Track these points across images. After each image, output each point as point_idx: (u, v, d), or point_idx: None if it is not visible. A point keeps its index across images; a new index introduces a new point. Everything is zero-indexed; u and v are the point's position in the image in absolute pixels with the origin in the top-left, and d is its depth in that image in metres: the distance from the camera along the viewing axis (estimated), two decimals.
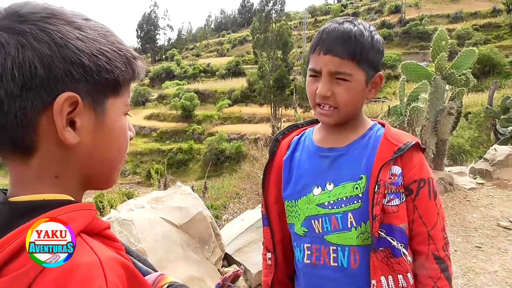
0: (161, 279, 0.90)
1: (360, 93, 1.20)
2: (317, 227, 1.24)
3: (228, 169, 27.17)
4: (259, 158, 6.92)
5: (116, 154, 0.70)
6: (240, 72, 55.37)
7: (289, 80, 40.15)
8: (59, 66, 0.58)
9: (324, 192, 1.23)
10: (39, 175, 0.62)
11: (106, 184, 0.73)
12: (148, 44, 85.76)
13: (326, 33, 1.18)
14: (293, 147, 1.36)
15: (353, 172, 1.20)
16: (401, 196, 1.16)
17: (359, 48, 1.14)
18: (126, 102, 0.70)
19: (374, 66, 1.20)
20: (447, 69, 5.22)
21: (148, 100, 50.76)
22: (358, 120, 1.28)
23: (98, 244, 0.60)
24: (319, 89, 1.17)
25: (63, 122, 0.59)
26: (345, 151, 1.24)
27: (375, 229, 1.13)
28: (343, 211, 1.20)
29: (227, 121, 42.13)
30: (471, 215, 4.59)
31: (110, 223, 0.70)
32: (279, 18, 47.70)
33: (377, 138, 1.21)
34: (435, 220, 1.18)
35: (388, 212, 1.15)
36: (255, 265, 3.17)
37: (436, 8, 58.85)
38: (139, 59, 0.71)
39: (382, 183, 1.13)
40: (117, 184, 3.74)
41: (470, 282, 3.42)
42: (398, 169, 1.17)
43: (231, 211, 5.45)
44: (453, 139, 10.01)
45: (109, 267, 0.55)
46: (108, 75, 0.63)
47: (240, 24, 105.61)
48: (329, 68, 1.16)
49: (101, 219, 0.67)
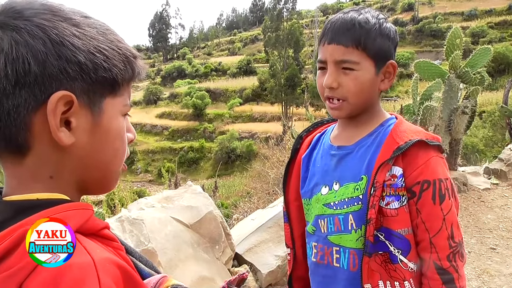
0: (163, 281, 0.87)
1: (370, 83, 1.13)
2: (323, 227, 1.23)
3: (239, 167, 27.22)
4: (270, 157, 6.90)
5: (113, 156, 0.67)
6: (251, 70, 55.37)
7: (300, 79, 40.07)
8: (54, 64, 0.56)
9: (331, 192, 1.21)
10: (33, 175, 0.60)
11: (102, 189, 0.70)
12: (160, 43, 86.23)
13: (330, 23, 1.15)
14: (313, 145, 1.34)
15: (356, 172, 1.16)
16: (401, 199, 1.10)
17: (364, 35, 1.09)
18: (125, 103, 0.67)
19: (383, 53, 1.14)
20: (462, 68, 5.14)
21: (160, 98, 51.10)
22: (371, 114, 1.21)
23: (93, 244, 0.58)
24: (325, 80, 1.14)
25: (57, 122, 0.57)
26: (352, 150, 1.19)
27: (369, 233, 1.09)
28: (345, 212, 1.17)
29: (238, 119, 42.18)
30: (485, 216, 4.52)
31: (108, 223, 0.67)
32: (290, 17, 47.63)
33: (385, 135, 1.15)
34: (439, 226, 1.08)
35: (387, 216, 1.10)
36: (266, 265, 3.15)
37: (450, 6, 58.16)
38: (139, 58, 0.69)
39: (379, 185, 1.08)
40: (128, 182, 3.74)
41: (484, 284, 3.36)
42: (399, 170, 1.10)
43: (241, 211, 5.44)
44: (466, 138, 9.87)
45: (103, 268, 0.53)
46: (106, 74, 0.61)
47: (252, 23, 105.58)
48: (334, 57, 1.12)
49: (98, 219, 0.65)
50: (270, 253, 3.23)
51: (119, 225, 2.78)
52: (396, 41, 1.17)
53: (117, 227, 2.75)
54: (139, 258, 0.88)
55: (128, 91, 0.69)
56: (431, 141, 1.11)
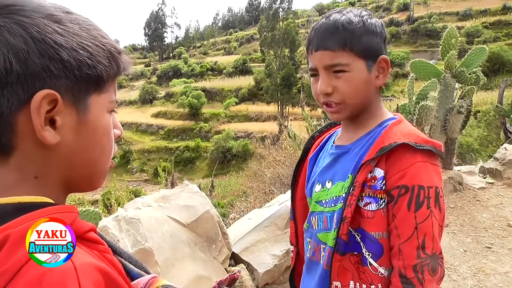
0: (153, 282, 0.86)
1: (364, 81, 1.12)
2: (314, 224, 1.25)
3: (234, 167, 27.20)
4: (266, 157, 6.90)
5: (100, 154, 0.66)
6: (247, 70, 55.40)
7: (296, 78, 40.10)
8: (36, 62, 0.55)
9: (323, 190, 1.23)
10: (17, 175, 0.59)
11: (90, 186, 0.69)
12: (156, 42, 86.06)
13: (314, 30, 1.15)
14: (322, 145, 1.35)
15: (345, 171, 1.16)
16: (379, 202, 1.08)
17: (348, 35, 1.08)
18: (111, 99, 0.67)
19: (372, 50, 1.12)
20: (457, 67, 5.16)
21: (156, 98, 51.00)
22: (370, 114, 1.19)
23: (76, 248, 0.57)
24: (319, 87, 1.13)
25: (41, 121, 0.56)
26: (348, 149, 1.20)
27: (342, 231, 1.09)
28: (331, 210, 1.17)
29: (234, 119, 42.19)
30: (481, 215, 4.54)
31: (94, 225, 0.66)
32: (286, 16, 47.67)
33: (378, 135, 1.14)
34: (409, 234, 1.03)
35: (364, 217, 1.09)
36: (262, 264, 3.15)
37: (445, 6, 58.43)
38: (124, 53, 0.68)
39: (358, 185, 1.08)
40: (124, 181, 3.73)
41: (480, 283, 3.38)
42: (380, 172, 1.08)
43: (238, 210, 5.44)
44: (461, 138, 9.92)
45: (85, 274, 0.52)
46: (90, 71, 0.60)
47: (248, 22, 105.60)
48: (323, 63, 1.11)
49: (84, 221, 0.63)
50: (267, 252, 3.23)
51: (116, 224, 2.77)
52: (384, 35, 1.16)
53: (113, 226, 2.74)
54: (128, 259, 0.87)
55: (114, 87, 0.68)
56: (420, 145, 1.06)
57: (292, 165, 5.87)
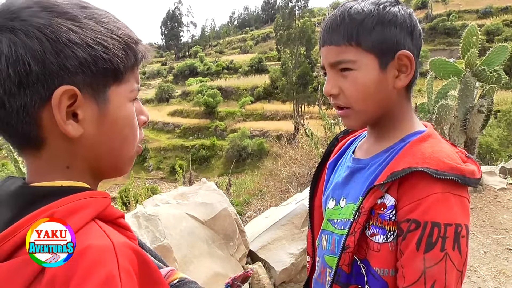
0: (171, 274, 0.91)
1: (375, 82, 0.94)
2: (323, 243, 1.11)
3: (250, 166, 27.26)
4: (283, 155, 6.89)
5: (122, 143, 0.69)
6: (263, 69, 55.38)
7: (312, 77, 39.91)
8: (52, 61, 0.58)
9: (336, 208, 1.08)
10: (51, 166, 0.63)
11: (117, 173, 0.72)
12: (172, 41, 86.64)
13: (324, 23, 1.00)
14: (343, 150, 1.20)
15: (358, 193, 1.00)
16: (386, 234, 0.91)
17: (355, 26, 0.92)
18: (131, 88, 0.68)
19: (388, 44, 0.93)
20: (478, 66, 5.07)
21: (172, 96, 51.36)
22: (393, 123, 1.01)
23: (111, 229, 0.60)
24: (324, 87, 0.99)
25: (63, 116, 0.60)
26: (364, 165, 1.04)
27: (343, 261, 0.96)
28: (341, 234, 1.03)
29: (250, 118, 42.21)
30: (501, 216, 4.46)
31: (123, 213, 0.70)
32: (302, 15, 47.46)
33: (396, 154, 0.96)
34: (415, 278, 0.85)
35: (370, 248, 0.94)
36: (279, 262, 3.15)
37: (465, 4, 57.40)
38: (140, 43, 0.70)
39: (364, 211, 0.93)
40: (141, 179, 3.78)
41: (501, 285, 3.32)
42: (391, 200, 0.91)
43: (254, 208, 5.46)
44: (481, 137, 9.75)
45: (122, 252, 0.56)
46: (106, 65, 0.62)
47: (263, 21, 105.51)
48: (328, 60, 0.97)
49: (115, 208, 0.68)
50: (284, 250, 3.24)
51: (135, 221, 2.80)
52: (409, 26, 0.95)
53: (133, 223, 2.77)
54: (148, 251, 0.92)
55: (135, 76, 0.70)
56: (442, 173, 0.86)
57: (309, 164, 5.86)
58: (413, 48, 0.97)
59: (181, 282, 0.90)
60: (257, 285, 3.01)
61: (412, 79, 0.99)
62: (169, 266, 0.98)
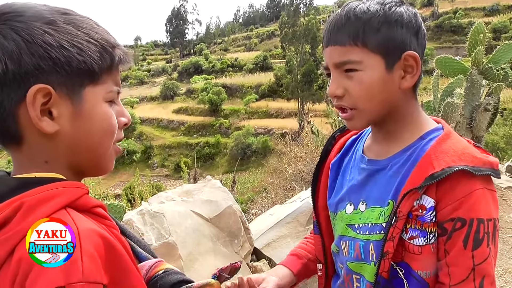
0: (158, 265, 0.93)
1: (380, 82, 0.93)
2: (344, 249, 1.07)
3: (254, 163, 27.28)
4: (287, 153, 6.89)
5: (99, 140, 0.71)
6: (267, 66, 55.32)
7: (317, 75, 39.80)
8: (28, 61, 0.62)
9: (356, 212, 1.05)
10: (30, 160, 0.67)
11: (97, 170, 0.76)
12: (177, 38, 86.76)
13: (328, 22, 0.98)
14: (346, 150, 1.17)
15: (383, 195, 0.98)
16: (428, 236, 0.90)
17: (361, 27, 0.91)
18: (108, 89, 0.71)
19: (394, 44, 0.92)
20: (485, 64, 5.04)
21: (177, 94, 51.44)
22: (403, 122, 1.00)
23: (81, 217, 0.63)
24: (328, 89, 0.97)
25: (37, 113, 0.63)
26: (383, 166, 1.00)
27: (383, 268, 0.93)
28: (366, 239, 1.00)
29: (254, 115, 42.21)
30: (507, 215, 4.44)
31: (104, 204, 0.72)
32: (307, 12, 47.35)
33: (421, 153, 0.94)
34: (465, 275, 0.86)
35: (409, 251, 0.92)
36: None
37: (471, 1, 57.03)
38: (118, 47, 0.72)
39: (402, 215, 0.90)
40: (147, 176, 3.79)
41: (506, 284, 3.31)
42: (430, 201, 0.89)
43: (259, 206, 5.46)
44: (487, 136, 9.70)
45: (86, 237, 0.58)
46: (81, 65, 0.66)
47: (268, 19, 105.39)
48: (333, 60, 0.95)
49: (93, 198, 0.70)
50: (288, 248, 3.23)
51: (140, 218, 2.81)
52: (415, 27, 0.95)
53: (138, 220, 2.78)
54: (137, 243, 0.94)
55: (113, 78, 0.73)
56: (479, 169, 0.88)
57: (313, 162, 5.85)
58: (418, 48, 0.96)
59: (166, 273, 0.91)
60: None
61: (418, 79, 0.97)
62: (174, 264, 0.99)
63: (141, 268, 0.90)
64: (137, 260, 0.92)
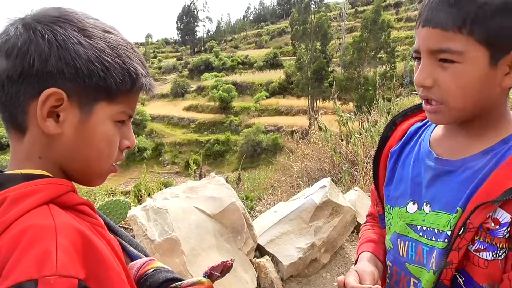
0: (149, 264, 0.93)
1: (480, 79, 0.81)
2: (401, 249, 1.01)
3: (264, 161, 27.27)
4: (295, 151, 6.89)
5: (96, 156, 0.73)
6: (278, 64, 55.24)
7: (327, 72, 39.71)
8: (53, 64, 0.66)
9: (420, 212, 0.96)
10: (27, 152, 0.70)
11: (84, 182, 0.78)
12: (188, 36, 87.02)
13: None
14: (408, 137, 1.06)
15: (453, 200, 0.89)
16: (497, 252, 0.82)
17: (472, 11, 0.77)
18: (120, 110, 0.74)
19: (508, 37, 0.79)
20: None
21: (187, 91, 51.62)
22: (490, 122, 0.89)
23: (61, 213, 0.65)
24: (416, 76, 0.87)
25: (44, 113, 0.67)
26: (455, 168, 0.91)
27: (444, 276, 0.87)
28: (431, 245, 0.92)
29: (264, 113, 42.20)
30: None
31: (90, 201, 0.75)
32: (318, 9, 47.18)
33: (503, 159, 0.84)
34: None
35: (473, 263, 0.85)
36: (287, 256, 3.17)
37: None
38: (144, 76, 0.75)
39: (472, 228, 0.83)
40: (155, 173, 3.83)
41: None
42: (506, 216, 0.80)
43: (265, 203, 5.48)
44: None
45: (63, 232, 0.60)
46: (101, 82, 0.69)
47: (279, 16, 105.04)
48: (428, 45, 0.83)
49: (78, 196, 0.73)
50: (292, 245, 3.25)
51: (144, 214, 2.85)
52: None
53: (142, 215, 2.82)
54: (129, 242, 0.95)
55: (129, 101, 0.76)
56: None
57: (320, 159, 5.85)
58: None
59: (156, 271, 0.92)
60: (265, 279, 3.04)
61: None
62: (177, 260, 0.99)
63: (132, 267, 0.91)
64: (128, 259, 0.93)
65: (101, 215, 0.84)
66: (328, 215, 3.46)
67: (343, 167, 5.18)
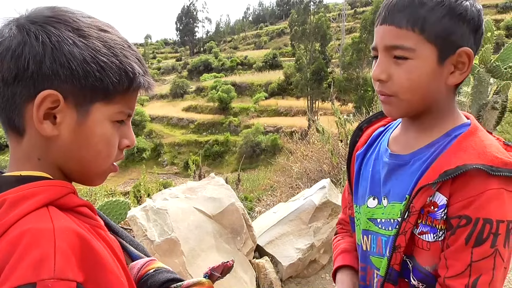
0: (149, 264, 0.93)
1: (429, 75, 0.90)
2: (365, 244, 1.08)
3: (263, 161, 27.26)
4: (294, 151, 6.89)
5: (94, 157, 0.73)
6: (277, 64, 55.25)
7: (326, 73, 39.70)
8: (48, 66, 0.65)
9: (379, 206, 1.04)
10: (26, 154, 0.70)
11: (84, 182, 0.77)
12: (187, 36, 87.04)
13: (389, 0, 0.94)
14: (372, 140, 1.14)
15: (402, 190, 0.97)
16: (437, 233, 0.90)
17: (424, 12, 0.87)
18: (119, 110, 0.73)
19: (452, 38, 0.88)
20: (492, 62, 4.99)
21: (186, 92, 51.61)
22: (437, 117, 0.97)
23: (61, 215, 0.64)
24: (373, 71, 0.94)
25: (40, 115, 0.66)
26: (406, 161, 0.98)
27: (394, 260, 0.95)
28: (388, 234, 1.00)
29: (263, 113, 42.18)
30: None
31: (90, 203, 0.74)
32: (317, 10, 47.19)
33: (443, 149, 0.93)
34: (460, 269, 0.86)
35: (417, 246, 0.93)
36: (287, 257, 3.18)
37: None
38: (141, 75, 0.74)
39: (415, 211, 0.91)
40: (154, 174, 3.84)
41: None
42: (443, 198, 0.89)
43: (264, 204, 5.48)
44: (497, 134, 9.58)
45: (61, 235, 0.60)
46: (97, 82, 0.68)
47: (278, 16, 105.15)
48: (384, 41, 0.91)
49: (78, 198, 0.72)
50: (291, 245, 3.26)
51: (144, 214, 2.85)
52: (476, 24, 0.90)
53: (141, 216, 2.82)
54: (129, 242, 0.95)
55: (128, 101, 0.74)
56: (497, 169, 0.84)
57: (319, 160, 5.85)
58: (474, 46, 0.92)
59: (157, 271, 0.92)
60: (264, 279, 3.04)
61: (466, 77, 0.94)
62: (176, 260, 0.99)
63: (133, 267, 0.91)
64: (129, 259, 0.93)
65: (101, 216, 0.84)
66: (327, 216, 3.47)
67: (342, 168, 5.19)
